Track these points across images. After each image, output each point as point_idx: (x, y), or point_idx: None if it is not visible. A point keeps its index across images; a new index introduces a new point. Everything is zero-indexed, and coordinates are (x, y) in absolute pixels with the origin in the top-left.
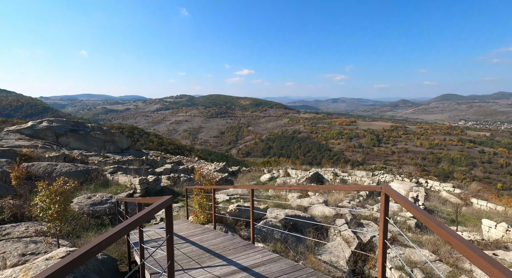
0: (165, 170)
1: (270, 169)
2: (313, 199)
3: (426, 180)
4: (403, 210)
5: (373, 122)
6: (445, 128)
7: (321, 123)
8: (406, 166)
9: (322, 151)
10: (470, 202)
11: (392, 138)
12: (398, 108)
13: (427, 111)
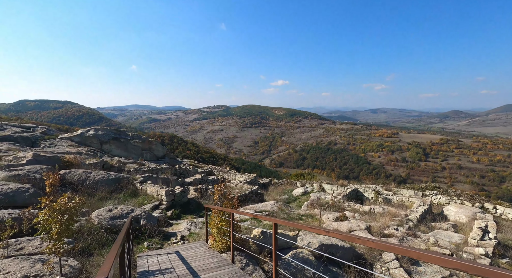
0: (194, 180)
1: (303, 182)
2: (353, 224)
3: (494, 205)
4: (468, 243)
5: (418, 134)
6: (509, 143)
7: (359, 134)
8: (460, 184)
9: (360, 164)
10: None
11: (441, 152)
12: (449, 119)
13: (485, 124)
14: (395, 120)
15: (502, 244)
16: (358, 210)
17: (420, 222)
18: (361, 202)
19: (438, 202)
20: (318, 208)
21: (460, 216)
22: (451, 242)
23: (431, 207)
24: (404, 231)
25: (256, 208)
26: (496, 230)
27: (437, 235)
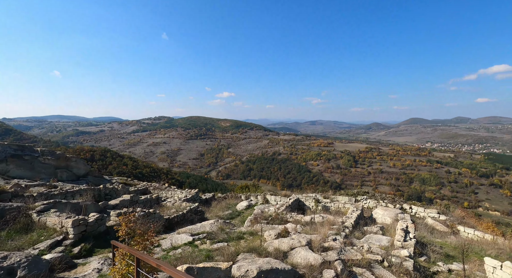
0: (121, 202)
1: (247, 195)
2: (294, 240)
3: (410, 205)
4: (394, 245)
5: (349, 144)
6: (414, 150)
7: (300, 145)
8: (382, 186)
9: (302, 172)
10: (457, 230)
11: (367, 159)
12: (371, 130)
13: (397, 134)
14: (330, 131)
15: (419, 242)
16: (300, 220)
17: (355, 228)
18: (303, 211)
19: (368, 206)
20: (262, 222)
21: (385, 218)
22: (381, 246)
23: (363, 212)
24: (341, 240)
25: (193, 230)
26: (414, 229)
27: (369, 240)
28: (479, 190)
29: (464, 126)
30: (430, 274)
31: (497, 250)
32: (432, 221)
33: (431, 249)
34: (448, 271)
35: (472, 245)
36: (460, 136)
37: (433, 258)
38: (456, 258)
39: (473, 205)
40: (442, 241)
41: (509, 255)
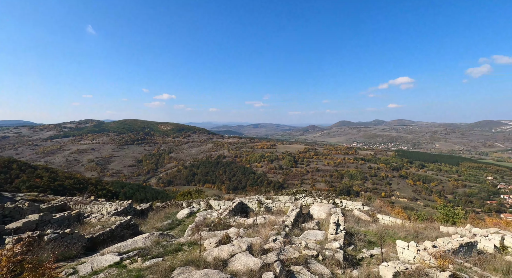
0: (26, 224)
1: (189, 202)
2: (235, 246)
3: (340, 200)
4: (328, 238)
5: (289, 145)
6: (344, 149)
7: (245, 147)
8: (318, 183)
9: (247, 174)
10: (377, 218)
11: (306, 159)
12: (308, 132)
13: (330, 135)
14: (273, 133)
15: (348, 233)
16: (243, 224)
17: (294, 226)
18: (246, 214)
19: (306, 203)
20: (204, 230)
21: (321, 213)
22: (316, 241)
23: (301, 209)
24: (281, 240)
25: (122, 248)
26: (344, 221)
27: (307, 236)
28: (392, 181)
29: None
30: (356, 261)
31: (405, 232)
32: (358, 212)
33: (357, 238)
34: (371, 256)
35: (388, 230)
36: (378, 136)
37: (359, 246)
38: (376, 244)
39: (388, 195)
40: (365, 229)
41: (413, 235)
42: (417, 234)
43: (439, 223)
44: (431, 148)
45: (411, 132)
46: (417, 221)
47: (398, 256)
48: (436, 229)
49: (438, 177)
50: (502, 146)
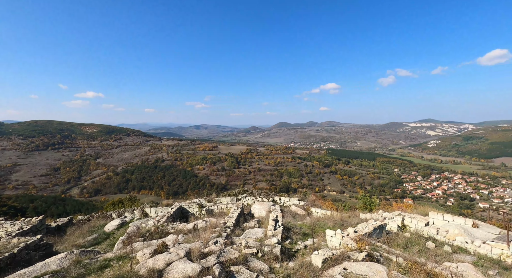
0: None
1: (121, 212)
2: (172, 254)
3: (279, 197)
4: (267, 235)
5: (232, 146)
6: (283, 149)
7: (186, 150)
8: (260, 183)
9: (188, 178)
10: (311, 211)
11: (248, 159)
12: (250, 133)
13: (270, 136)
14: (215, 135)
15: (286, 228)
16: (183, 229)
17: (236, 226)
18: (187, 219)
19: (247, 203)
20: (138, 241)
21: (261, 212)
22: (257, 239)
23: (243, 209)
24: (222, 241)
25: (28, 274)
26: (282, 217)
27: (248, 235)
28: (324, 177)
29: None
30: (292, 254)
31: (333, 221)
32: (295, 208)
33: (294, 231)
34: (305, 247)
35: (320, 221)
36: (312, 137)
37: (295, 239)
38: (310, 235)
39: (321, 189)
40: (301, 223)
41: (340, 224)
42: (342, 222)
43: (360, 211)
44: (354, 146)
45: (339, 133)
46: (343, 211)
47: (327, 244)
48: (358, 216)
49: (360, 171)
50: (404, 143)
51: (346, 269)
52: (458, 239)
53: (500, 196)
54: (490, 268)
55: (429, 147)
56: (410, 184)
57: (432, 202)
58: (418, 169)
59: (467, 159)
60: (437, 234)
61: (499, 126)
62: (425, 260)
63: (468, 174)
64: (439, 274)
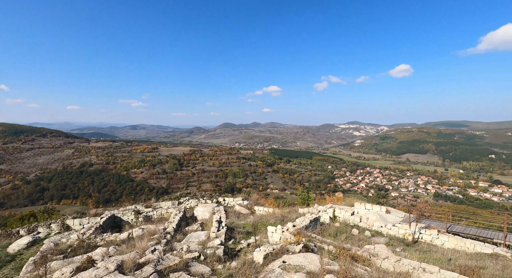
0: None
1: (32, 227)
2: (99, 269)
3: (223, 198)
4: (210, 237)
5: (174, 147)
6: (227, 150)
7: (120, 152)
8: (205, 185)
9: (123, 183)
10: (254, 210)
11: (191, 161)
12: (194, 134)
13: (215, 136)
14: (154, 135)
15: (229, 228)
16: (115, 240)
17: (177, 231)
18: (120, 228)
19: (190, 205)
20: (56, 259)
21: (205, 214)
22: (199, 242)
23: (185, 213)
24: (161, 249)
25: None
26: (225, 218)
27: (190, 239)
28: (267, 176)
29: (258, 129)
30: (236, 253)
31: (275, 218)
32: (239, 207)
33: (238, 231)
34: (248, 245)
35: (262, 219)
36: (256, 137)
37: (238, 238)
38: (252, 233)
39: (264, 188)
40: (245, 222)
41: (280, 219)
42: (283, 218)
43: (299, 206)
44: (294, 146)
45: (281, 133)
46: (284, 207)
47: (269, 240)
48: (296, 211)
49: (299, 169)
50: (336, 143)
51: (285, 261)
52: (376, 224)
53: (406, 186)
54: (397, 245)
55: (355, 146)
56: (340, 179)
57: (357, 194)
58: (346, 166)
59: (383, 155)
60: (360, 221)
61: (405, 128)
62: (350, 245)
63: (383, 169)
64: (361, 256)
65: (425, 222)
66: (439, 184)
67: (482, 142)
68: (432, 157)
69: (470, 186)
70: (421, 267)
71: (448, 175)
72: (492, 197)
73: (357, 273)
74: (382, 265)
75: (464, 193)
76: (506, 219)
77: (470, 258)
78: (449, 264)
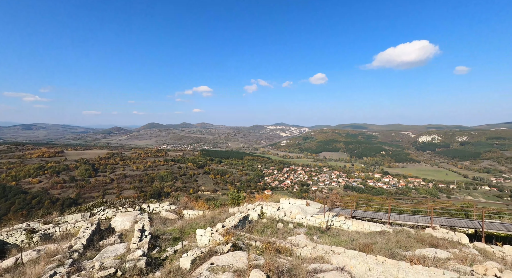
0: None
1: None
2: None
3: (148, 204)
4: (131, 249)
5: (86, 151)
6: (154, 152)
7: (6, 158)
8: (126, 191)
9: (10, 197)
10: (183, 214)
11: (109, 165)
12: (112, 135)
13: (138, 138)
14: (59, 137)
15: (154, 236)
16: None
17: (87, 247)
18: (3, 254)
19: (106, 216)
20: None
21: (125, 224)
22: (117, 256)
23: (100, 225)
24: (65, 271)
25: None
26: (150, 226)
27: (105, 254)
28: (198, 177)
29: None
30: (160, 262)
31: (205, 220)
32: (166, 213)
33: (164, 238)
34: (174, 252)
35: (191, 222)
36: (186, 138)
37: (164, 246)
38: (180, 239)
39: (195, 190)
40: (172, 228)
41: (210, 221)
42: (213, 219)
43: (229, 206)
44: (225, 146)
45: (212, 134)
46: (215, 208)
47: (198, 243)
48: (227, 211)
49: (230, 169)
50: (265, 143)
51: (213, 263)
52: (298, 216)
53: (323, 180)
54: (314, 234)
55: (282, 145)
56: (269, 177)
57: (284, 190)
58: (274, 164)
59: (305, 154)
60: (284, 215)
61: (322, 129)
62: (275, 239)
63: (305, 166)
64: (284, 247)
65: (336, 210)
66: (348, 177)
67: (376, 141)
68: (342, 154)
69: (369, 177)
70: (331, 250)
71: (354, 169)
72: (383, 185)
73: (280, 264)
74: (302, 253)
75: (365, 183)
76: (390, 202)
77: (367, 237)
78: (352, 244)
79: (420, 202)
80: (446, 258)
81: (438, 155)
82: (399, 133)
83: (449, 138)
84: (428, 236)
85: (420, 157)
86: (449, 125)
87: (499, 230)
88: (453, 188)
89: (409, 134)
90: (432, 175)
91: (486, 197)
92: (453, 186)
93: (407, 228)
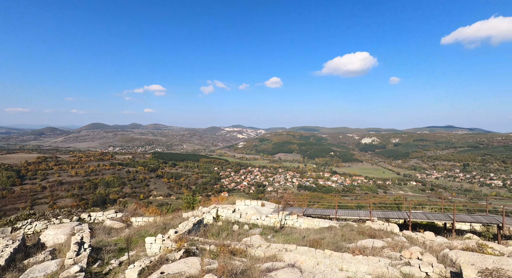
0: None
1: None
2: None
3: (88, 213)
4: (65, 265)
5: (9, 155)
6: (98, 155)
7: None
8: (63, 200)
9: None
10: (131, 222)
11: (40, 171)
12: (44, 136)
13: (79, 139)
14: None
15: (95, 249)
16: None
17: (7, 269)
18: None
19: (34, 230)
20: None
21: (59, 237)
22: (46, 275)
23: (24, 241)
24: None
25: None
26: (90, 237)
27: (31, 274)
28: (150, 182)
29: (138, 131)
30: (102, 277)
31: (156, 227)
32: (110, 222)
33: (107, 250)
34: (119, 264)
35: (141, 230)
36: (136, 140)
37: (107, 258)
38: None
39: (146, 196)
40: (117, 238)
41: (162, 228)
42: (165, 226)
43: (183, 211)
44: (180, 149)
45: (165, 136)
46: (168, 214)
47: (147, 252)
48: (180, 216)
49: (186, 172)
50: (221, 145)
51: (164, 272)
52: (253, 217)
53: (278, 181)
54: (269, 233)
55: (239, 147)
56: (226, 179)
57: (241, 192)
58: (231, 166)
59: (262, 155)
60: (240, 217)
61: (278, 131)
62: (230, 241)
63: (262, 167)
64: (239, 249)
65: (290, 209)
66: (301, 177)
67: (326, 143)
68: (296, 155)
69: (320, 177)
70: (284, 248)
71: (307, 169)
72: (332, 184)
73: (234, 266)
74: (256, 253)
75: (316, 182)
76: (337, 199)
77: (316, 233)
78: (303, 241)
79: (362, 198)
80: (381, 246)
81: (377, 154)
82: (346, 136)
83: (385, 140)
84: (368, 228)
85: (362, 156)
86: (386, 129)
87: (422, 218)
88: (388, 184)
89: (354, 137)
90: (372, 173)
91: (413, 191)
92: (389, 182)
93: (351, 222)
